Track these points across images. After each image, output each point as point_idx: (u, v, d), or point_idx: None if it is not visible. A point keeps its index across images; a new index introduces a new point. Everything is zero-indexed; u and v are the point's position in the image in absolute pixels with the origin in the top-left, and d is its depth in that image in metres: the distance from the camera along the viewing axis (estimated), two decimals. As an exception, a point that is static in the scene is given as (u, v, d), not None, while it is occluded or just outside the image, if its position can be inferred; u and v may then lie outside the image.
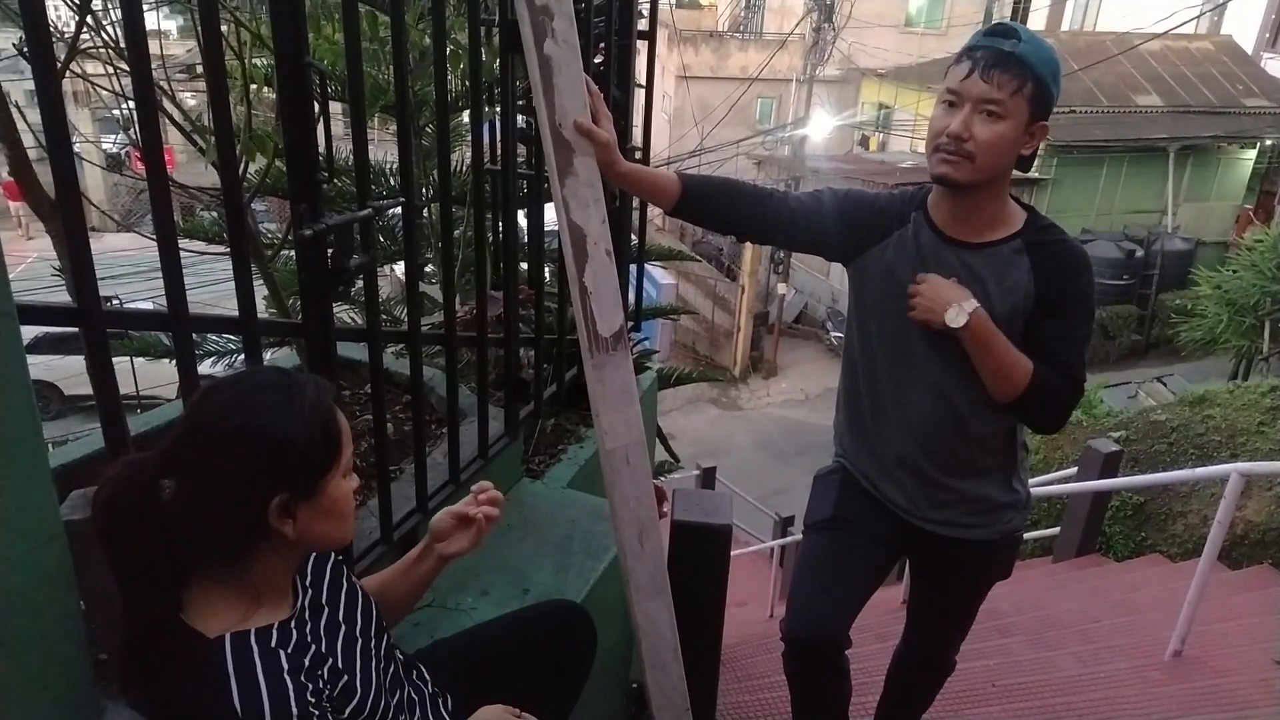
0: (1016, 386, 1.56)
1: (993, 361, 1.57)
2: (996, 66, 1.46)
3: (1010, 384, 1.57)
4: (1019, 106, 1.48)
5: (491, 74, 2.37)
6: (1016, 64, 1.46)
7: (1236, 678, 3.08)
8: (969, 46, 1.52)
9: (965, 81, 1.49)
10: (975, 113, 1.49)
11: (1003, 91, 1.46)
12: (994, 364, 1.57)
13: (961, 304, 1.53)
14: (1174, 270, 14.98)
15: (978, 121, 1.49)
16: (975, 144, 1.49)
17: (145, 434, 1.99)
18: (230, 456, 1.05)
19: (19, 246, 14.59)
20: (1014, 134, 1.50)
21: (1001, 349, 1.56)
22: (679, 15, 20.27)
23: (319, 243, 1.48)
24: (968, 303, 1.53)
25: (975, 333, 1.53)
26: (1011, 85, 1.46)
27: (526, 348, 2.57)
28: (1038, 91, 1.48)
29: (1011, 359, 1.56)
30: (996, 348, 1.55)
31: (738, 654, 3.96)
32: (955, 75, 1.51)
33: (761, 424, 14.33)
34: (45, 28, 1.13)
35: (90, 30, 1.80)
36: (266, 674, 1.05)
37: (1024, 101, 1.48)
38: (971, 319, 1.52)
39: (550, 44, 1.49)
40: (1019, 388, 1.56)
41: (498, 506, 1.46)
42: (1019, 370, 1.56)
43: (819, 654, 1.79)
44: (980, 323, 1.53)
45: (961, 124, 1.49)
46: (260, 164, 2.02)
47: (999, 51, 1.47)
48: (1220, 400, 5.80)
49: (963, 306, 1.52)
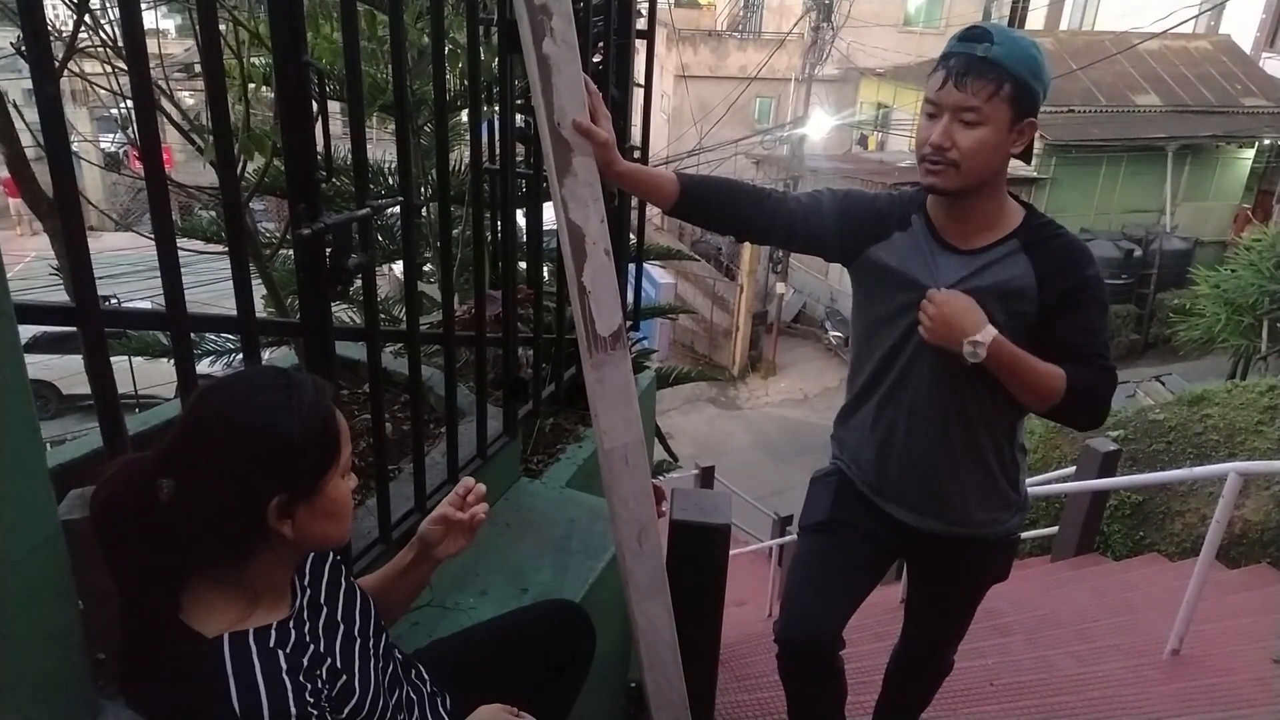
0: (1054, 394, 1.52)
1: (1019, 381, 1.52)
2: (969, 73, 1.45)
3: (1044, 395, 1.52)
4: (998, 110, 1.46)
5: (490, 73, 2.37)
6: (990, 68, 1.44)
7: (1234, 676, 3.08)
8: (944, 53, 1.51)
9: (941, 91, 1.48)
10: (954, 121, 1.48)
11: (978, 98, 1.45)
12: (1021, 383, 1.52)
13: (976, 337, 1.47)
14: (1172, 270, 14.98)
15: (958, 130, 1.48)
16: (958, 152, 1.48)
17: (144, 433, 1.99)
18: (228, 456, 1.05)
19: (17, 245, 14.59)
20: (996, 138, 1.48)
21: (1027, 367, 1.50)
22: (678, 14, 20.26)
23: (317, 242, 1.48)
24: (983, 333, 1.47)
25: (997, 360, 1.48)
26: (987, 90, 1.44)
27: (525, 347, 2.57)
28: (1016, 92, 1.46)
29: (1039, 373, 1.51)
30: (1022, 368, 1.50)
31: (736, 653, 3.95)
32: (932, 84, 1.51)
33: (760, 423, 14.33)
34: (43, 27, 1.13)
35: (88, 29, 1.80)
36: (265, 674, 1.05)
37: (1003, 104, 1.46)
38: (990, 350, 1.47)
39: (549, 43, 1.49)
40: (1056, 395, 1.51)
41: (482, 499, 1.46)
42: (1049, 381, 1.51)
43: (812, 655, 1.79)
44: (999, 350, 1.47)
45: (942, 134, 1.48)
46: (259, 163, 2.02)
47: (970, 58, 1.45)
48: (1218, 399, 5.81)
49: (978, 340, 1.47)
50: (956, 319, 1.50)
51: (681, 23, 19.56)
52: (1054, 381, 1.51)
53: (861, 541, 1.82)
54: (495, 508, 2.37)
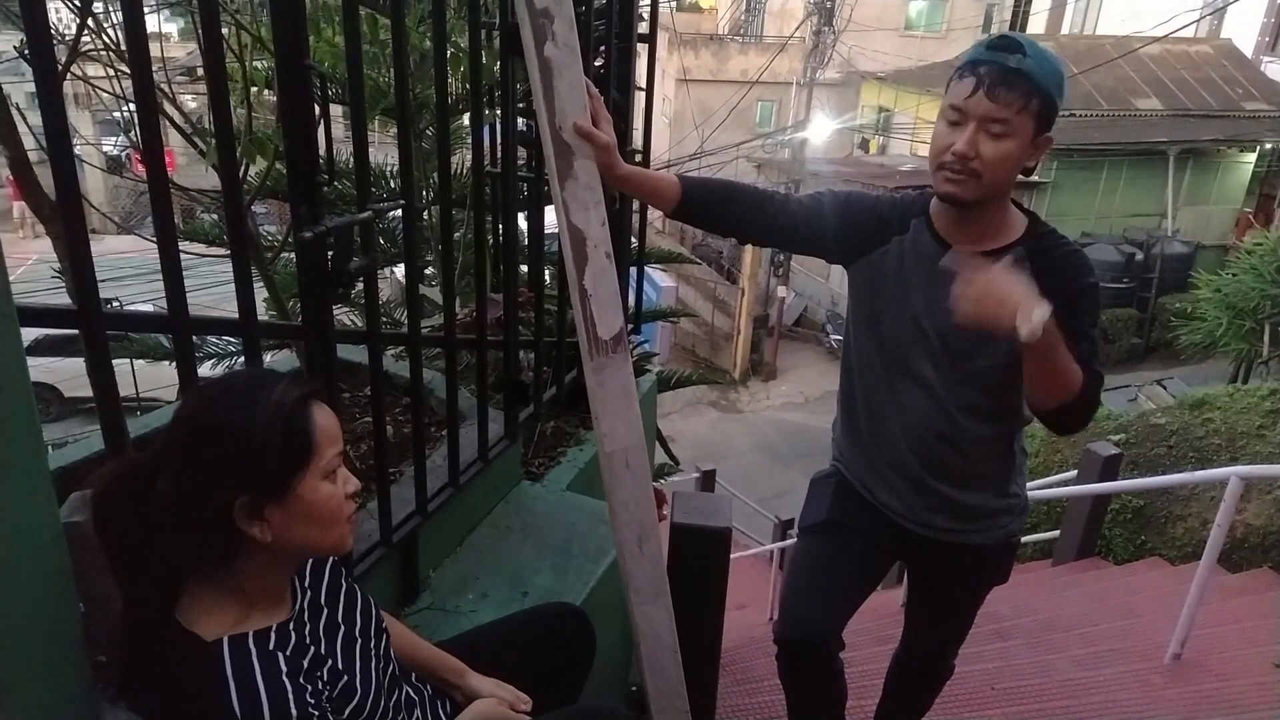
0: (1069, 392, 1.44)
1: (1056, 367, 1.42)
2: (1002, 84, 1.42)
3: (1063, 391, 1.45)
4: (1024, 124, 1.45)
5: (492, 77, 2.37)
6: (1022, 80, 1.42)
7: (1236, 681, 3.08)
8: (972, 60, 1.47)
9: (970, 99, 1.45)
10: (980, 131, 1.45)
11: (1008, 110, 1.43)
12: (1056, 369, 1.43)
13: (1033, 311, 1.32)
14: (1174, 273, 14.98)
15: (983, 140, 1.45)
16: (981, 163, 1.46)
17: (145, 436, 1.99)
18: (193, 455, 1.05)
19: (20, 248, 14.59)
20: (1020, 151, 1.47)
21: (1064, 355, 1.41)
22: (679, 19, 20.29)
23: (319, 245, 1.48)
24: (1040, 309, 1.32)
25: (1049, 337, 1.34)
26: (1018, 103, 1.43)
27: (526, 350, 2.57)
28: (1043, 107, 1.45)
29: (1071, 366, 1.43)
30: (1062, 351, 1.40)
31: (737, 657, 3.95)
32: (959, 91, 1.47)
33: (761, 427, 14.32)
34: (46, 30, 1.13)
35: (91, 33, 1.80)
36: (265, 676, 1.05)
37: (1029, 118, 1.45)
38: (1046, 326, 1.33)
39: (550, 47, 1.50)
40: (1071, 393, 1.45)
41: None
42: (1075, 375, 1.44)
43: (810, 656, 1.79)
44: (1051, 327, 1.34)
45: (967, 143, 1.46)
46: (261, 166, 2.02)
47: (1004, 68, 1.42)
48: (1220, 403, 5.81)
49: (1035, 314, 1.32)
50: (1011, 287, 1.35)
51: (683, 27, 19.59)
52: (1075, 381, 1.45)
53: (860, 543, 1.82)
54: (496, 511, 2.37)
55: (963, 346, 1.58)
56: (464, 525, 2.25)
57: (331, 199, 3.03)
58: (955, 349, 1.59)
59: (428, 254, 3.67)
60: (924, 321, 1.61)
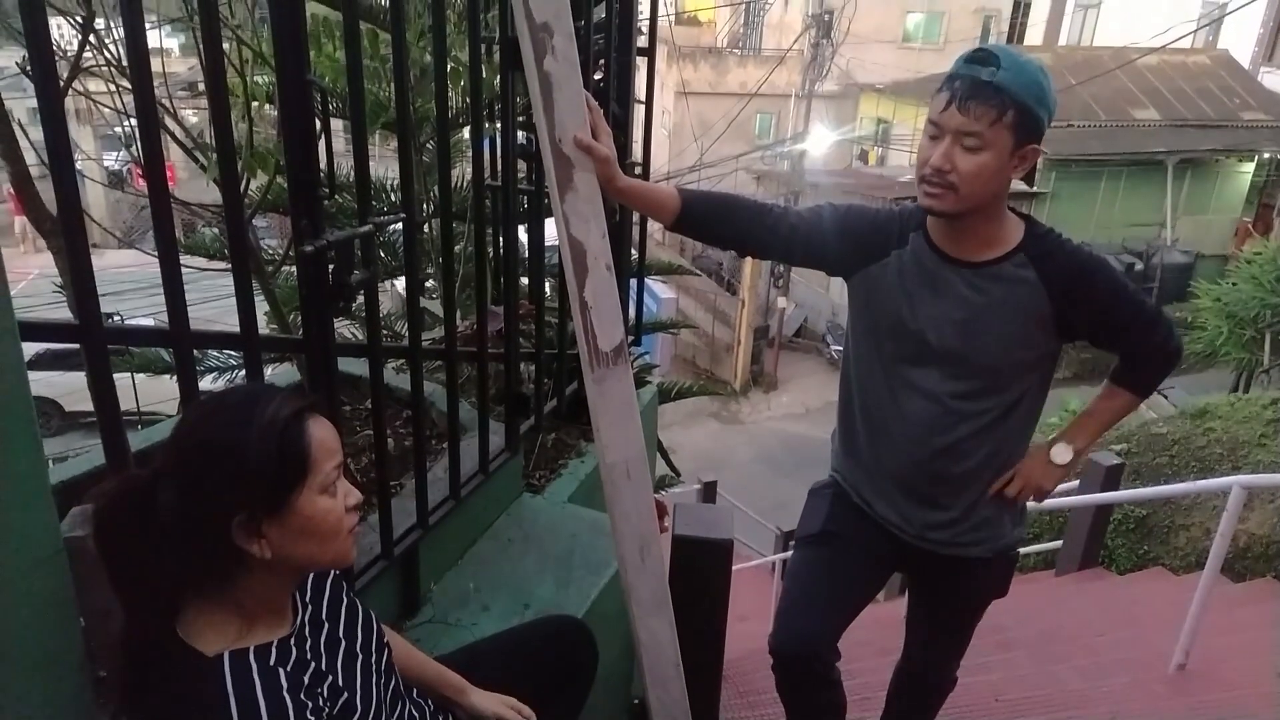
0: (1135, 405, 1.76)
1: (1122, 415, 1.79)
2: (974, 97, 1.42)
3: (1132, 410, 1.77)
4: (1000, 136, 1.44)
5: (492, 90, 2.38)
6: (995, 93, 1.41)
7: (1241, 691, 3.06)
8: (949, 75, 1.49)
9: (944, 113, 1.46)
10: (956, 144, 1.46)
11: (980, 123, 1.43)
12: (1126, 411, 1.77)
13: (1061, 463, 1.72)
14: (1173, 283, 15.00)
15: (959, 153, 1.46)
16: (958, 176, 1.47)
17: (146, 450, 1.99)
18: (188, 472, 1.04)
19: (21, 263, 14.62)
20: (997, 163, 1.46)
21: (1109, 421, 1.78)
22: (678, 31, 20.35)
23: (320, 259, 1.48)
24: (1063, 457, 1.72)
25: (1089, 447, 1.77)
26: (990, 115, 1.42)
27: (527, 362, 2.57)
28: (1020, 118, 1.43)
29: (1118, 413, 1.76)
30: (1106, 426, 1.79)
31: (739, 669, 3.92)
32: (936, 105, 1.49)
33: (762, 438, 14.30)
34: (48, 46, 1.14)
35: (93, 48, 1.81)
36: (265, 692, 1.04)
37: (1005, 130, 1.44)
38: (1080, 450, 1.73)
39: (550, 60, 1.50)
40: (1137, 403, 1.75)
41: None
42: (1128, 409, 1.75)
43: (805, 668, 1.79)
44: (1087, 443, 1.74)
45: (942, 156, 1.47)
46: (262, 180, 2.03)
47: (976, 81, 1.43)
48: (1221, 413, 5.79)
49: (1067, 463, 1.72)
50: (1042, 477, 1.72)
51: (682, 40, 19.65)
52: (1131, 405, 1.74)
53: (858, 553, 1.81)
54: (497, 523, 2.36)
55: (963, 357, 1.59)
56: (465, 538, 2.24)
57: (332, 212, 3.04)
58: (956, 359, 1.60)
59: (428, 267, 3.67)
60: (926, 333, 1.61)
